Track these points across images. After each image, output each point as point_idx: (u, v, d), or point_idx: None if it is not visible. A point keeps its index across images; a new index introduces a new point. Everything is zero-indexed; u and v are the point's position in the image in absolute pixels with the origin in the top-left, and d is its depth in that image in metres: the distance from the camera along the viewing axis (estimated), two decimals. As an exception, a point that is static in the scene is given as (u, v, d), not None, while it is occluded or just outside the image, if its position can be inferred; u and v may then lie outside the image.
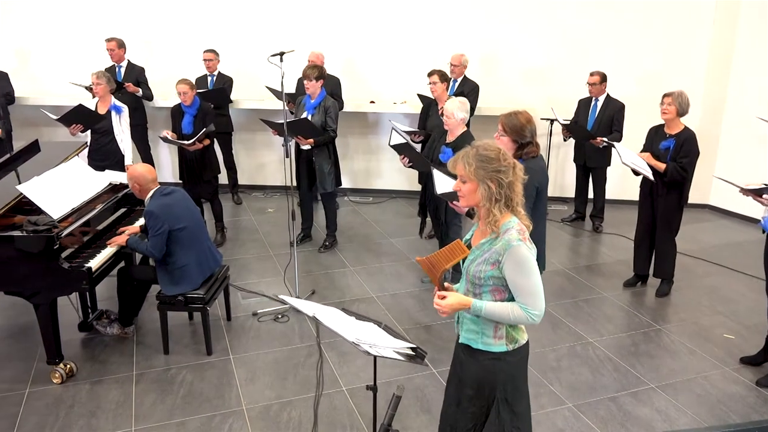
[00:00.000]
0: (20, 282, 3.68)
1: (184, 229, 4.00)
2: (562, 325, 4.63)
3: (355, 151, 7.93)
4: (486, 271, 2.23)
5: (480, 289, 2.28)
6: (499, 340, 2.31)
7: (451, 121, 4.63)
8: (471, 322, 2.34)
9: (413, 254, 5.98)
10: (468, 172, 2.21)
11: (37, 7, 7.47)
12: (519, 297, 2.22)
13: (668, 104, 4.71)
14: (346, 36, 7.47)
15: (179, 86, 5.62)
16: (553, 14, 7.21)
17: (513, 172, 2.23)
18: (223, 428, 3.46)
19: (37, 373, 3.95)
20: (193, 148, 5.67)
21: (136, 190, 4.06)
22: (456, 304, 2.23)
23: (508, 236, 2.19)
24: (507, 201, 2.22)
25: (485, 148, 2.23)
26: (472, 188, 2.23)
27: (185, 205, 4.13)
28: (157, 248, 3.94)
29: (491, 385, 2.34)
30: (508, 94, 7.37)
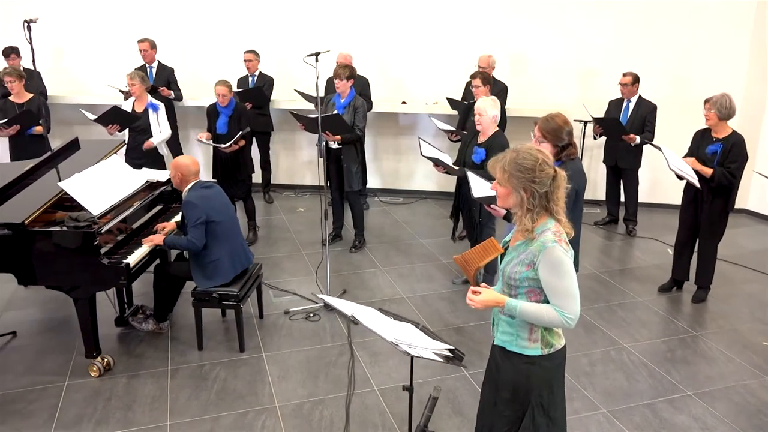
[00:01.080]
0: (61, 276, 3.76)
1: (219, 223, 4.07)
2: (595, 330, 4.57)
3: (386, 151, 7.93)
4: (521, 272, 2.23)
5: (516, 290, 2.27)
6: (533, 343, 2.30)
7: (483, 119, 4.61)
8: (506, 323, 2.33)
9: (444, 255, 5.96)
10: (503, 178, 2.21)
11: (73, 7, 7.63)
12: (553, 299, 2.20)
13: (707, 110, 4.63)
14: (379, 37, 7.48)
15: (218, 88, 5.70)
16: (583, 14, 7.12)
17: (552, 182, 2.20)
18: (256, 425, 3.49)
19: (76, 366, 4.04)
20: (229, 150, 5.74)
21: (177, 180, 4.14)
22: (489, 301, 2.23)
23: (544, 237, 2.19)
24: (542, 209, 2.21)
25: (523, 156, 2.19)
26: (506, 193, 2.24)
27: (222, 200, 4.20)
28: (198, 238, 4.00)
29: (526, 390, 2.33)
30: (537, 95, 7.31)
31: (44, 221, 3.86)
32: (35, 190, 4.14)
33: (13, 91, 5.75)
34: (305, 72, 6.84)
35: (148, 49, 6.88)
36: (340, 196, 6.06)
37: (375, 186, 7.89)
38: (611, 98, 6.52)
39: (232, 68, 7.15)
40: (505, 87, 6.49)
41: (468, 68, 6.41)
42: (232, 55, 7.32)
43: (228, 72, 7.06)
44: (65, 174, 4.14)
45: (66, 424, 3.48)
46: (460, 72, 7.02)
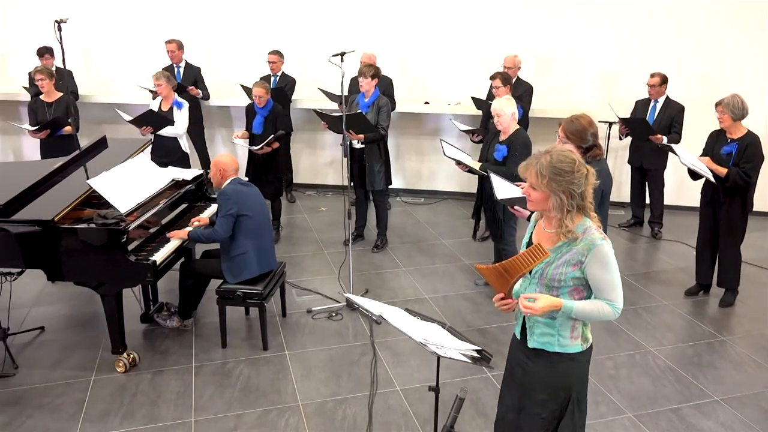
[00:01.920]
0: (89, 273, 3.81)
1: (250, 218, 4.13)
2: (620, 333, 4.52)
3: (408, 151, 7.93)
4: (567, 272, 2.23)
5: (558, 291, 2.27)
6: (575, 340, 2.32)
7: (502, 119, 4.60)
8: (545, 325, 2.32)
9: (466, 256, 5.94)
10: (540, 182, 2.19)
11: (102, 8, 7.73)
12: (603, 294, 2.23)
13: (720, 113, 4.59)
14: (401, 37, 7.48)
15: (255, 89, 5.79)
16: (610, 13, 7.04)
17: (586, 181, 2.21)
18: (280, 423, 3.51)
19: (102, 362, 4.09)
20: (262, 152, 5.79)
21: (217, 177, 4.22)
22: (548, 306, 2.20)
23: (590, 236, 2.19)
24: (579, 208, 2.22)
25: (560, 159, 2.18)
26: (542, 197, 2.22)
27: (258, 200, 4.28)
28: (224, 228, 4.06)
29: (567, 388, 2.34)
30: (563, 96, 7.25)
31: (73, 218, 3.92)
32: (64, 188, 4.20)
33: (43, 89, 5.85)
34: (326, 72, 6.90)
35: (175, 50, 6.95)
36: (363, 196, 6.07)
37: (397, 186, 7.88)
38: (637, 99, 6.44)
39: (256, 68, 7.20)
40: (531, 87, 6.45)
41: (493, 68, 6.38)
42: (256, 55, 7.37)
43: (253, 72, 7.13)
44: (93, 172, 4.20)
45: (93, 419, 3.53)
46: (484, 72, 6.95)
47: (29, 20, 7.74)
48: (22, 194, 3.93)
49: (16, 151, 8.42)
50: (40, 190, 4.08)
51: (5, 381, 3.87)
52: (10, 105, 8.01)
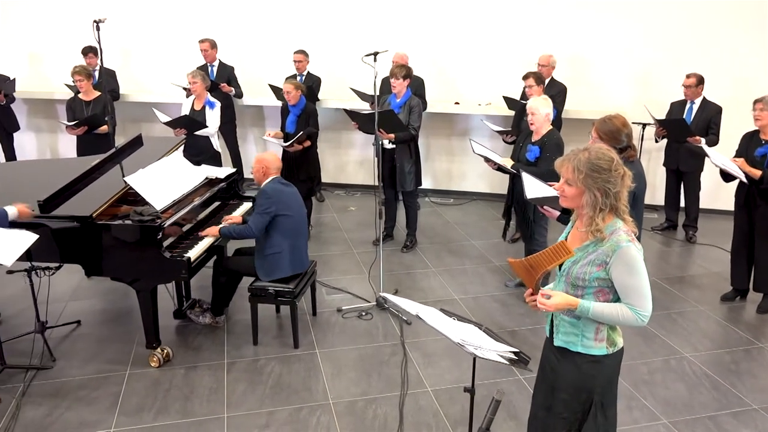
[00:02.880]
0: (125, 268, 3.88)
1: (287, 217, 4.16)
2: (654, 338, 4.44)
3: (438, 152, 7.91)
4: (591, 272, 2.20)
5: (582, 290, 2.25)
6: (599, 342, 2.28)
7: (536, 118, 4.57)
8: (570, 324, 2.31)
9: (496, 257, 5.90)
10: (576, 177, 2.18)
11: (138, 8, 7.86)
12: (627, 298, 2.19)
13: (760, 110, 4.48)
14: (433, 37, 7.46)
15: (285, 85, 5.85)
16: (645, 13, 6.93)
17: (621, 182, 2.19)
18: (311, 421, 3.52)
19: (136, 356, 4.16)
20: (292, 149, 5.83)
21: (260, 174, 4.26)
22: (562, 303, 2.20)
23: (617, 237, 2.16)
24: (612, 209, 2.19)
25: (598, 157, 2.18)
26: (576, 193, 2.21)
27: (296, 200, 4.31)
28: (258, 226, 4.09)
29: (589, 389, 2.31)
30: (597, 97, 7.16)
31: (110, 215, 3.98)
32: (101, 185, 4.28)
33: (81, 89, 5.97)
34: (354, 71, 6.95)
35: (208, 49, 7.04)
36: (392, 196, 6.07)
37: (426, 186, 7.85)
38: (672, 100, 6.32)
39: (288, 67, 7.25)
40: (564, 88, 6.39)
41: (525, 69, 6.32)
42: (288, 54, 7.42)
43: (284, 71, 7.18)
44: (129, 169, 4.27)
45: (128, 412, 3.59)
46: (516, 72, 6.91)
47: (66, 20, 7.89)
48: (61, 191, 4.01)
49: (53, 149, 8.61)
50: (77, 187, 4.16)
51: (44, 373, 3.96)
52: (47, 103, 8.19)
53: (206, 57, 7.11)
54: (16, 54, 8.06)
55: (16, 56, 8.05)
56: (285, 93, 5.84)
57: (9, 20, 8.02)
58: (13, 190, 4.29)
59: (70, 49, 7.63)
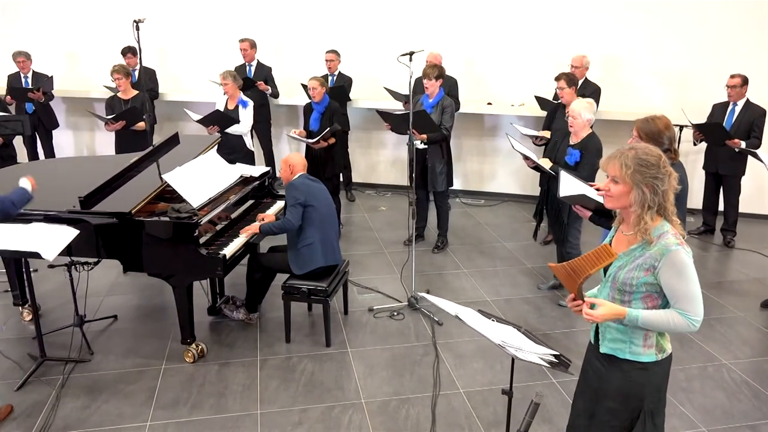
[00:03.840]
0: (162, 264, 3.93)
1: (316, 209, 4.22)
2: (692, 344, 4.35)
3: (469, 152, 7.87)
4: (639, 277, 2.15)
5: (630, 296, 2.19)
6: (648, 349, 2.23)
7: (577, 122, 4.50)
8: (617, 331, 2.25)
9: (528, 259, 5.85)
10: (624, 174, 2.13)
11: (175, 9, 7.97)
12: (677, 303, 2.13)
13: None
14: (465, 37, 7.42)
15: (310, 82, 5.85)
16: (679, 14, 6.79)
17: (668, 181, 2.14)
18: (343, 419, 3.53)
19: (171, 352, 4.21)
20: (317, 146, 5.85)
21: (287, 173, 4.33)
22: (609, 314, 2.13)
23: (665, 241, 2.11)
24: (660, 209, 2.14)
25: (646, 153, 2.14)
26: (624, 191, 2.15)
27: (324, 195, 4.37)
28: (294, 218, 4.16)
29: (638, 397, 2.25)
30: (631, 98, 7.04)
31: (148, 211, 4.05)
32: (138, 182, 4.35)
33: (120, 87, 6.08)
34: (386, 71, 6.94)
35: (248, 48, 7.12)
36: (423, 197, 6.05)
37: (456, 187, 7.83)
38: (709, 102, 6.19)
39: (321, 67, 7.29)
40: (598, 89, 6.30)
41: (558, 69, 6.25)
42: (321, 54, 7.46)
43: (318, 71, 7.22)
44: (165, 167, 4.33)
45: (164, 406, 3.64)
46: (549, 73, 6.83)
47: (104, 20, 8.05)
48: (101, 187, 4.09)
49: (90, 147, 8.79)
50: (116, 183, 4.24)
51: (82, 366, 4.04)
52: (85, 101, 8.35)
53: (245, 56, 7.18)
54: (54, 53, 8.24)
55: (54, 55, 8.23)
56: (311, 89, 5.87)
57: (49, 20, 8.21)
58: (53, 186, 4.39)
59: (107, 48, 7.78)
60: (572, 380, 3.78)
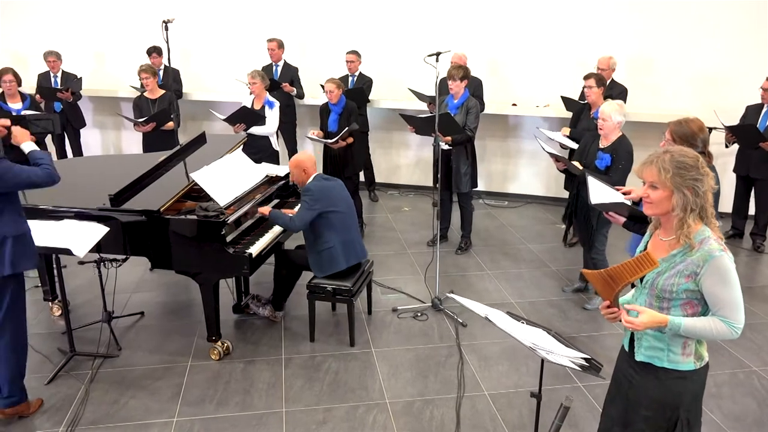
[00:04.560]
0: (190, 262, 3.97)
1: (335, 212, 4.20)
2: (722, 350, 4.28)
3: (493, 153, 7.83)
4: (680, 284, 2.10)
5: (669, 303, 2.15)
6: (687, 357, 2.18)
7: (607, 124, 4.44)
8: (654, 338, 2.20)
9: (553, 262, 5.80)
10: (664, 178, 2.09)
11: (200, 9, 8.05)
12: (720, 310, 2.09)
13: None
14: (490, 38, 7.39)
15: (327, 84, 5.85)
16: (715, 11, 6.68)
17: (707, 181, 2.10)
18: (368, 419, 3.53)
19: (197, 349, 4.26)
20: (336, 146, 5.87)
21: (301, 176, 4.30)
22: (651, 322, 2.08)
23: (708, 246, 2.06)
24: (701, 211, 2.10)
25: (682, 154, 2.11)
26: (664, 195, 2.11)
27: (342, 193, 4.34)
28: (302, 221, 4.13)
29: (675, 406, 2.21)
30: (660, 99, 6.95)
31: (176, 210, 4.09)
32: (166, 181, 4.40)
33: (147, 87, 6.16)
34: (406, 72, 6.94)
35: (275, 48, 7.16)
36: (447, 197, 6.03)
37: (479, 188, 7.78)
38: (743, 103, 6.07)
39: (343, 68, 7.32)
40: (625, 90, 6.23)
41: (584, 70, 6.19)
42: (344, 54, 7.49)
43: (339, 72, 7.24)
44: (192, 166, 4.37)
45: (190, 402, 3.67)
46: (575, 74, 6.81)
47: (131, 20, 8.16)
48: (130, 186, 4.14)
49: (116, 145, 8.91)
50: (145, 182, 4.29)
51: (110, 361, 4.10)
52: (111, 101, 8.48)
53: (272, 56, 7.22)
54: (83, 53, 8.36)
55: (83, 55, 8.36)
56: (327, 92, 5.88)
57: (78, 20, 8.33)
58: (83, 184, 4.47)
59: (133, 48, 7.87)
60: (598, 384, 3.78)
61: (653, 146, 6.56)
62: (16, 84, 5.99)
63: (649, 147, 6.57)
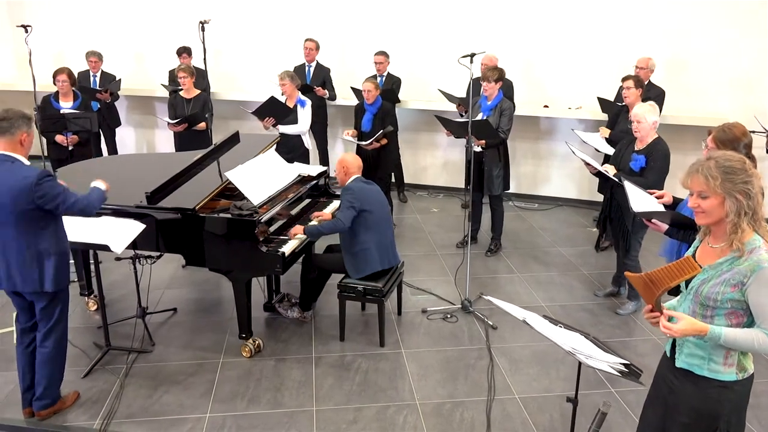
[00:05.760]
0: (224, 260, 4.02)
1: (372, 213, 4.23)
2: (759, 359, 4.16)
3: (524, 155, 7.77)
4: (725, 293, 2.05)
5: (713, 311, 2.10)
6: (729, 367, 2.13)
7: (642, 126, 4.38)
8: (696, 346, 2.16)
9: (585, 266, 5.73)
10: (714, 185, 2.04)
11: (232, 9, 8.13)
12: (764, 322, 2.02)
13: None
14: (522, 39, 7.33)
15: (364, 84, 5.88)
16: (755, 11, 6.53)
17: (757, 183, 2.05)
18: (398, 419, 3.54)
19: (229, 346, 4.30)
20: (369, 147, 5.89)
21: (341, 174, 4.35)
22: (689, 330, 2.04)
23: (757, 257, 2.01)
24: (754, 214, 2.04)
25: (727, 159, 2.06)
26: (716, 203, 2.05)
27: (379, 197, 4.37)
28: (345, 219, 4.16)
29: (714, 416, 2.16)
30: (698, 102, 6.80)
31: (210, 208, 4.14)
32: (200, 179, 4.45)
33: (184, 86, 6.25)
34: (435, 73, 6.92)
35: (312, 48, 7.21)
36: (478, 199, 6.00)
37: (510, 190, 7.74)
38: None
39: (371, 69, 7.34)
40: (663, 92, 6.13)
41: (618, 72, 6.12)
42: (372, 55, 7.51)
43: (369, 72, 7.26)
44: (225, 165, 4.42)
45: (222, 399, 3.72)
46: (608, 76, 6.73)
47: (165, 21, 8.27)
48: (166, 184, 4.20)
49: (150, 144, 9.05)
50: (180, 180, 4.35)
51: (144, 356, 4.17)
52: (146, 100, 8.62)
53: (307, 56, 7.25)
54: (122, 53, 8.50)
55: (122, 55, 8.49)
56: (365, 92, 5.90)
57: (117, 21, 8.48)
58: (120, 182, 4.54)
59: (169, 48, 7.97)
60: (631, 390, 3.73)
61: (691, 150, 6.48)
62: (69, 83, 6.14)
63: (688, 151, 6.49)
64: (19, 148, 3.20)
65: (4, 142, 3.16)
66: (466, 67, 4.47)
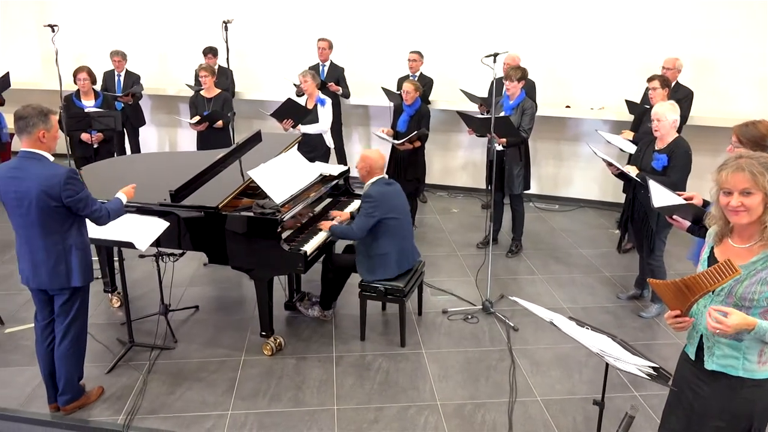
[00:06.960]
0: (246, 258, 4.04)
1: (394, 219, 4.18)
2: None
3: (545, 156, 7.71)
4: (762, 291, 2.03)
5: (748, 311, 2.06)
6: (763, 365, 2.11)
7: (662, 124, 4.32)
8: (729, 347, 2.13)
9: (607, 268, 5.68)
10: (761, 182, 2.00)
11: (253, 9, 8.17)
12: None
13: None
14: (545, 39, 7.27)
15: (405, 85, 5.93)
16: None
17: None
18: (419, 420, 3.53)
19: (250, 344, 4.32)
20: (403, 148, 5.89)
21: (363, 172, 4.31)
22: (742, 324, 1.98)
23: None
24: None
25: (761, 154, 2.05)
26: (759, 200, 2.02)
27: (400, 199, 4.33)
28: (361, 229, 4.13)
29: (749, 416, 2.14)
30: (727, 103, 6.69)
31: (232, 206, 4.16)
32: (223, 178, 4.48)
33: (205, 86, 6.30)
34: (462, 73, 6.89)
35: (326, 48, 7.24)
36: (499, 199, 5.97)
37: (530, 191, 7.69)
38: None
39: (395, 68, 7.32)
40: (691, 93, 6.04)
41: (644, 72, 6.04)
42: (395, 55, 7.49)
43: (392, 72, 7.26)
44: (247, 164, 4.44)
45: (244, 396, 3.74)
46: (632, 76, 6.67)
47: (189, 21, 8.34)
48: (189, 182, 4.23)
49: (172, 142, 9.14)
50: (203, 179, 4.38)
51: (166, 353, 4.20)
52: (171, 100, 8.69)
53: (321, 55, 7.29)
54: (146, 52, 8.58)
55: (146, 55, 8.58)
56: (404, 92, 5.90)
57: (142, 20, 8.57)
58: (144, 180, 4.58)
59: (193, 48, 8.04)
60: (654, 394, 3.69)
61: (720, 151, 6.37)
62: (89, 82, 6.22)
63: (716, 152, 6.39)
64: (41, 145, 3.21)
65: (26, 141, 3.20)
66: (489, 67, 4.44)
